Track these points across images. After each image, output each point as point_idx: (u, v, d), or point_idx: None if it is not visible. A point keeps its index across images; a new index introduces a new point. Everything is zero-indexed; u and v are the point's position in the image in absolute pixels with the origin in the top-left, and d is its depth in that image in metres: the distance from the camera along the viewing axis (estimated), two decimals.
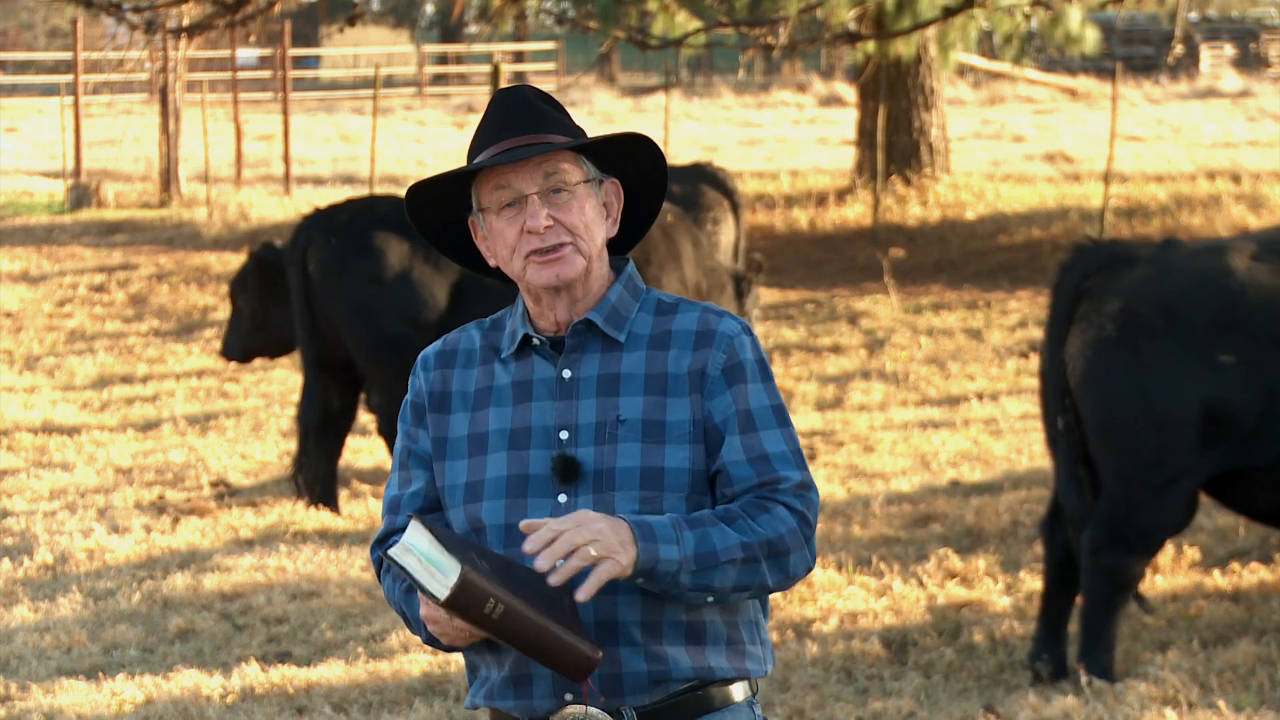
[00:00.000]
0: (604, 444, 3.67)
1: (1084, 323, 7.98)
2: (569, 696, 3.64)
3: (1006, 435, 12.78)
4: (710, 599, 3.61)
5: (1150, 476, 7.88)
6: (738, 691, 3.71)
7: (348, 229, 11.40)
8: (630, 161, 3.81)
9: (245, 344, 12.50)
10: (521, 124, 3.71)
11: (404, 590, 3.74)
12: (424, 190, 3.80)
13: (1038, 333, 16.57)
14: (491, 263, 3.80)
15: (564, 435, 3.68)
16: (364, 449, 12.81)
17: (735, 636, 3.71)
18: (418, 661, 8.33)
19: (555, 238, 3.69)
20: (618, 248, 3.85)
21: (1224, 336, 7.82)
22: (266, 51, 49.07)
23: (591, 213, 3.73)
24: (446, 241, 3.87)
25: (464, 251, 3.87)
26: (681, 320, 3.75)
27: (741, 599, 3.67)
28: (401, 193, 22.67)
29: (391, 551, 3.50)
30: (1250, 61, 50.11)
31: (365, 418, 13.81)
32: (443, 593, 3.42)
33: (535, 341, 3.75)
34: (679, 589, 3.56)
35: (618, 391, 3.70)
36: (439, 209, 3.83)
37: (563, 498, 3.66)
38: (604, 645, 3.61)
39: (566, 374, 3.72)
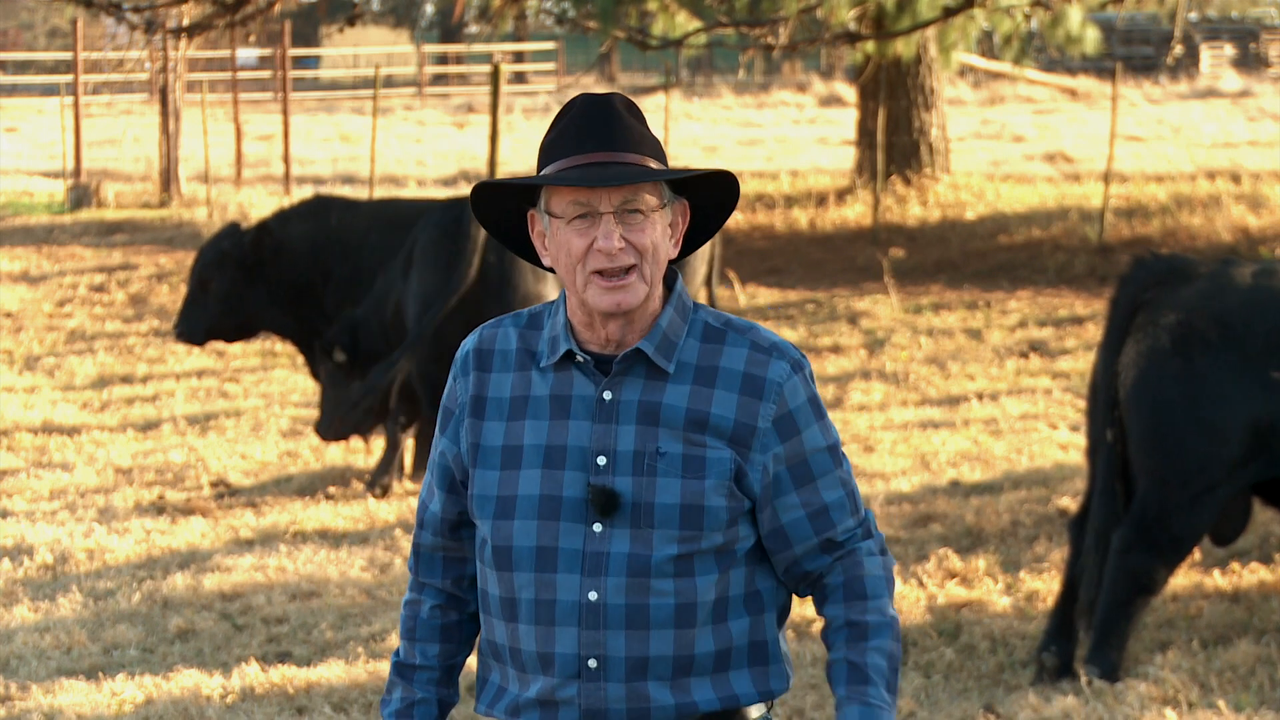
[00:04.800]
0: (642, 475, 3.60)
1: (1140, 334, 8.07)
2: None
3: (1006, 435, 12.78)
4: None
5: (1189, 483, 7.96)
6: (754, 711, 3.71)
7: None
8: (703, 186, 3.72)
9: (210, 326, 12.49)
10: (607, 139, 3.61)
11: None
12: (491, 186, 3.72)
13: (1038, 333, 16.58)
14: (545, 261, 3.70)
15: (601, 461, 3.61)
16: (364, 449, 12.81)
17: (759, 657, 3.70)
18: None
19: (624, 260, 3.59)
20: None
21: (1278, 353, 7.91)
22: (266, 51, 49.10)
23: (660, 235, 3.62)
24: (501, 225, 3.78)
25: (516, 238, 3.78)
26: (729, 356, 3.66)
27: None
28: (402, 193, 22.60)
29: None
30: (1250, 61, 50.15)
31: None
32: None
33: (579, 359, 3.65)
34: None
35: (658, 422, 3.62)
36: (505, 196, 3.75)
37: (598, 527, 3.61)
38: (633, 681, 3.61)
39: (607, 395, 3.63)
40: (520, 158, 29.90)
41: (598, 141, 3.61)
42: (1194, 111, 36.57)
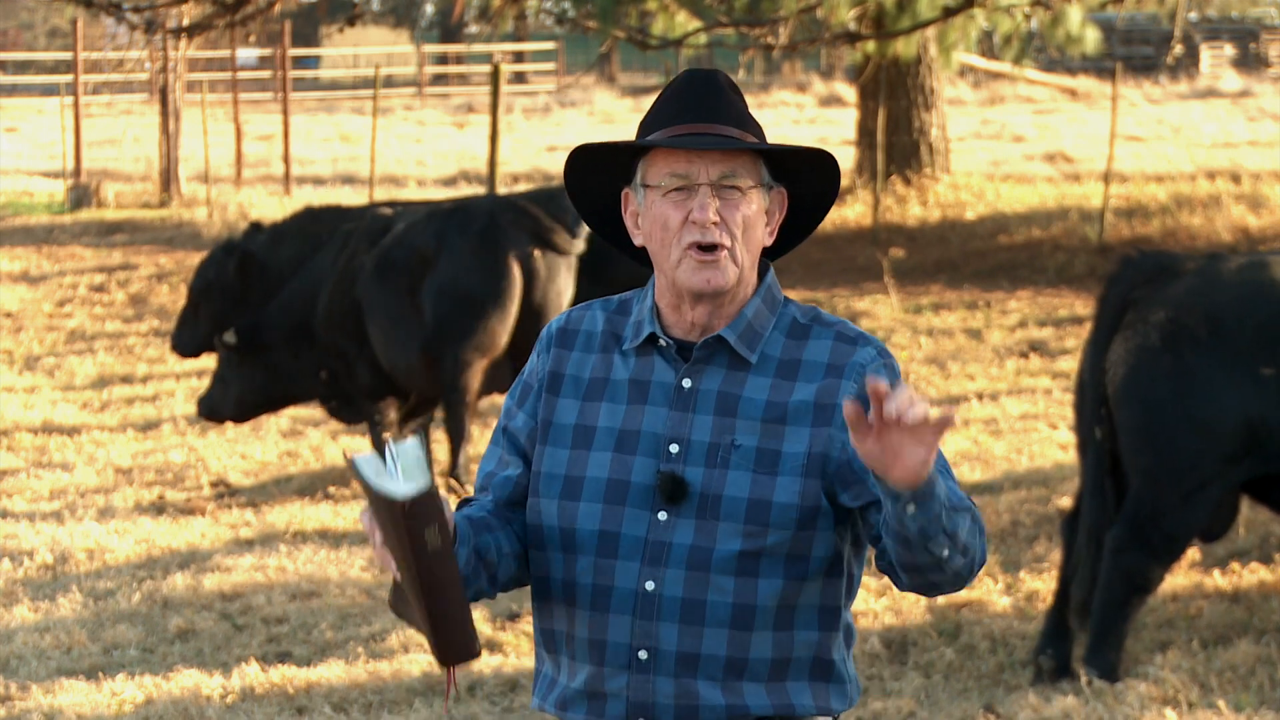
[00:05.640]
0: (714, 467, 3.56)
1: (1129, 331, 8.05)
2: None
3: (1006, 435, 12.78)
4: (947, 553, 3.41)
5: (1181, 480, 7.94)
6: None
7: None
8: (804, 171, 3.68)
9: (202, 343, 12.87)
10: (712, 111, 3.58)
11: None
12: (589, 152, 3.68)
13: (1038, 333, 16.57)
14: (637, 241, 3.68)
15: (674, 449, 3.57)
16: (364, 449, 12.81)
17: (822, 673, 3.63)
18: (418, 661, 8.33)
19: (717, 235, 3.55)
20: (767, 253, 3.72)
21: (1267, 349, 7.90)
22: (266, 51, 49.09)
23: (755, 219, 3.59)
24: (592, 208, 3.74)
25: (607, 222, 3.74)
26: (813, 349, 3.62)
27: (960, 568, 3.46)
28: (402, 195, 22.56)
29: (386, 448, 3.41)
30: (1250, 61, 50.15)
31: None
32: (409, 490, 3.35)
33: (662, 343, 3.63)
34: (936, 526, 3.38)
35: (736, 413, 3.57)
36: (598, 173, 3.70)
37: (663, 515, 3.56)
38: (683, 677, 3.56)
39: (687, 383, 3.60)
40: (521, 158, 29.88)
41: (698, 113, 3.58)
42: (1194, 111, 36.57)
